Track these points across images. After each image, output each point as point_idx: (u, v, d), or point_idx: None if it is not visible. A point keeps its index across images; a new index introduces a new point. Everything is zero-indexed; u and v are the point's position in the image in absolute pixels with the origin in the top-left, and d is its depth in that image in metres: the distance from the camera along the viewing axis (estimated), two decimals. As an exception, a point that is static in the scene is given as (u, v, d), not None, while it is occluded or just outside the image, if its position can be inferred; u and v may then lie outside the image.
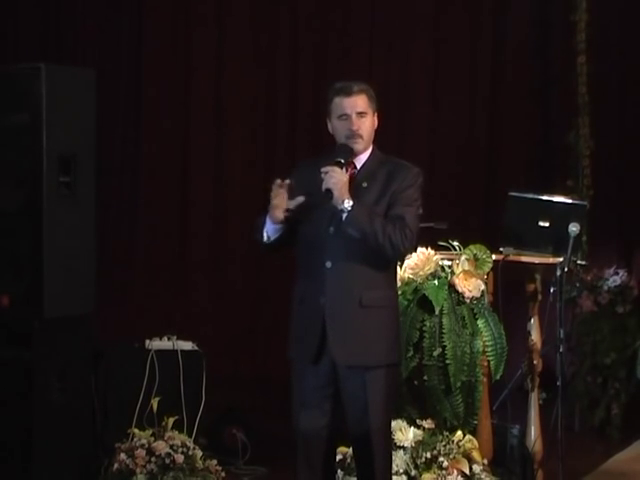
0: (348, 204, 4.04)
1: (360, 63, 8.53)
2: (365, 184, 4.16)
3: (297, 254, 4.27)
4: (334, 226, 4.12)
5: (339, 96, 4.19)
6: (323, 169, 4.08)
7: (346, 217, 4.05)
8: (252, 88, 8.79)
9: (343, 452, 4.85)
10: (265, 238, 4.20)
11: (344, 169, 4.09)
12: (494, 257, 5.14)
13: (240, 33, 8.77)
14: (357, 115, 4.17)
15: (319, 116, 4.33)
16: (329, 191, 4.04)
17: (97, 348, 5.77)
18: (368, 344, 4.13)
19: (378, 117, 4.27)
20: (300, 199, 4.12)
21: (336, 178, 4.04)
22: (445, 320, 4.97)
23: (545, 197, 5.48)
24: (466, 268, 5.05)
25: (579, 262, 5.62)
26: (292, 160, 8.14)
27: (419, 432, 4.97)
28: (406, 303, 5.01)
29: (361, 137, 4.18)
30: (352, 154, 4.17)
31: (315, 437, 4.21)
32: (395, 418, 4.81)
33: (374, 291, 4.16)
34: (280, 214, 4.13)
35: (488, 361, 5.02)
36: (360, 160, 4.22)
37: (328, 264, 4.13)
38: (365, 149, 4.23)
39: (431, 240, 5.10)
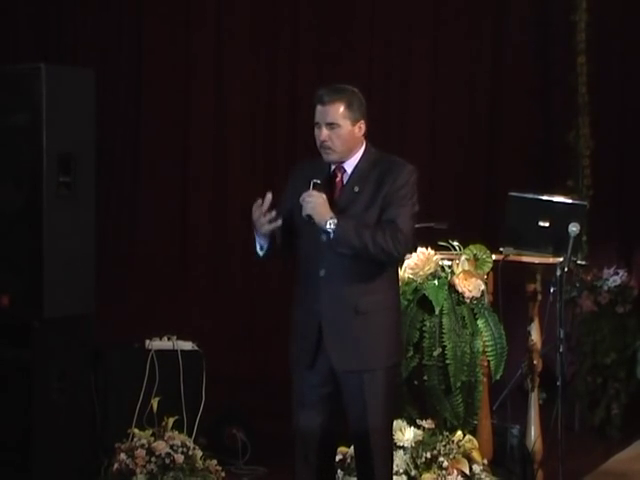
0: (332, 224, 4.01)
1: (360, 63, 8.53)
2: (357, 188, 4.12)
3: (297, 259, 4.27)
4: (326, 235, 4.09)
5: (316, 103, 4.14)
6: (301, 198, 4.05)
7: (333, 237, 4.02)
8: (252, 88, 8.78)
9: (343, 452, 4.85)
10: (259, 248, 4.20)
11: (321, 189, 4.05)
12: (494, 257, 5.14)
13: (240, 33, 8.77)
14: (327, 126, 4.10)
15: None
16: (310, 217, 4.03)
17: (97, 348, 5.77)
18: (366, 349, 4.12)
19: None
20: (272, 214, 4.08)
21: (313, 202, 4.02)
22: (445, 320, 4.97)
23: (545, 197, 5.47)
24: (466, 268, 5.05)
25: (579, 262, 5.61)
26: (292, 160, 8.13)
27: (419, 432, 4.97)
28: (406, 303, 5.01)
29: (330, 148, 4.11)
30: (327, 171, 4.15)
31: (313, 436, 4.21)
32: (395, 418, 4.81)
33: (371, 296, 4.13)
34: (264, 228, 4.10)
35: (488, 361, 5.02)
36: (351, 164, 4.17)
37: (322, 272, 4.11)
38: (341, 158, 4.16)
39: (431, 240, 5.10)
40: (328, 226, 4.01)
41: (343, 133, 4.11)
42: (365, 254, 4.04)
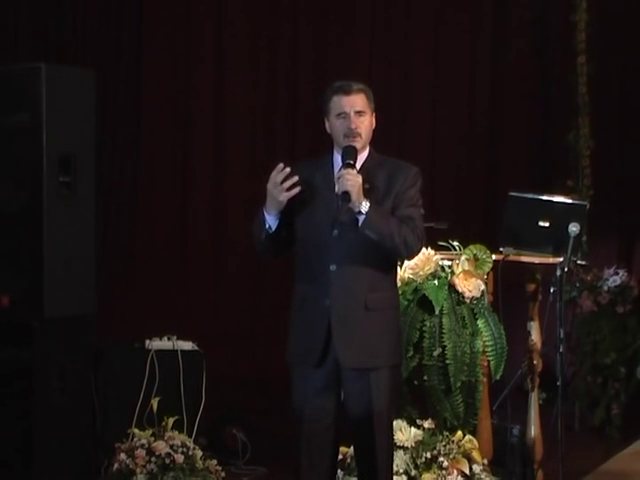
0: (366, 206, 4.00)
1: (360, 63, 8.54)
2: (367, 185, 4.11)
3: (297, 256, 4.25)
4: (338, 229, 4.10)
5: (338, 94, 4.17)
6: (337, 174, 4.06)
7: (364, 219, 4.01)
8: (252, 88, 8.79)
9: (343, 452, 4.84)
10: (267, 227, 4.14)
11: (356, 170, 4.07)
12: (494, 257, 5.14)
13: (240, 33, 8.77)
14: (356, 114, 4.14)
15: (319, 117, 4.31)
16: (346, 194, 4.00)
17: (97, 348, 5.77)
18: (373, 346, 4.13)
19: (376, 118, 4.25)
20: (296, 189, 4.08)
21: (352, 180, 4.01)
22: (445, 320, 4.97)
23: (545, 197, 5.47)
24: (466, 268, 5.05)
25: (579, 262, 5.61)
26: (292, 160, 8.13)
27: (419, 432, 4.97)
28: (406, 303, 5.01)
29: (359, 136, 4.15)
30: (357, 154, 4.14)
31: (319, 438, 4.20)
32: (395, 418, 4.81)
33: (378, 293, 4.14)
34: (282, 196, 4.09)
35: (488, 361, 5.02)
36: (359, 161, 4.17)
37: (332, 267, 4.11)
38: (363, 149, 4.20)
39: (431, 240, 5.10)
40: (363, 207, 4.00)
41: (367, 122, 4.19)
42: (388, 243, 4.04)
